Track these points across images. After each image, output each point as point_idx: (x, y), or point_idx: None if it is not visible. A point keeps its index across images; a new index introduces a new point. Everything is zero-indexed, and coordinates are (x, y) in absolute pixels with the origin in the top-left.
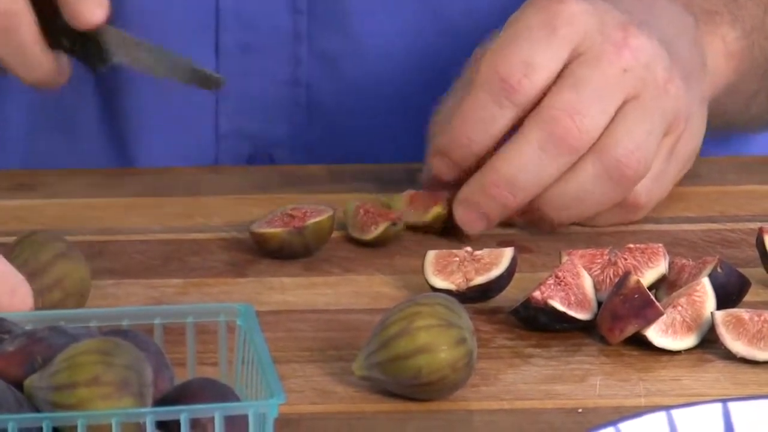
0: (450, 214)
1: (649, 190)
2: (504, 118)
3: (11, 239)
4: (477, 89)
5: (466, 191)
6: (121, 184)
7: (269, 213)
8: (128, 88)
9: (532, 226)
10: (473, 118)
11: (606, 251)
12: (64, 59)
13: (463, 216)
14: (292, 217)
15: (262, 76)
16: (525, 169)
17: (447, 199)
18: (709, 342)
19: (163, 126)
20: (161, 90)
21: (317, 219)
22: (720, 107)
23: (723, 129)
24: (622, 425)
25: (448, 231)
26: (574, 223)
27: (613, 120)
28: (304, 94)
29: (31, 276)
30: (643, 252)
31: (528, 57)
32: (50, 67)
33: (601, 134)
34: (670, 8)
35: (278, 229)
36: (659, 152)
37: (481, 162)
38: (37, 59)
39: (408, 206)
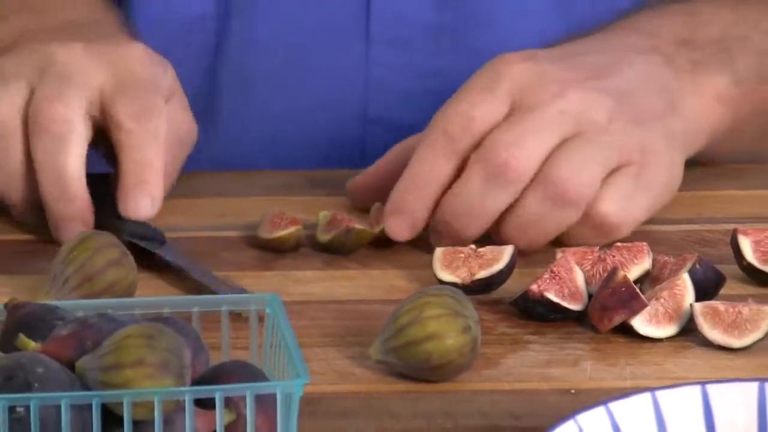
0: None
1: (618, 211)
2: (450, 167)
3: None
4: (424, 147)
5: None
6: None
7: (262, 218)
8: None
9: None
10: (422, 174)
11: (596, 249)
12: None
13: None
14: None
15: (407, 68)
16: (472, 203)
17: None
18: (689, 331)
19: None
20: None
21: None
22: (730, 145)
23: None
24: (611, 405)
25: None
26: None
27: (552, 152)
28: (449, 86)
29: (86, 280)
30: (629, 250)
31: (468, 111)
32: (84, 205)
33: (543, 164)
34: (637, 60)
35: (292, 229)
36: (620, 178)
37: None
38: (75, 188)
39: (326, 225)
